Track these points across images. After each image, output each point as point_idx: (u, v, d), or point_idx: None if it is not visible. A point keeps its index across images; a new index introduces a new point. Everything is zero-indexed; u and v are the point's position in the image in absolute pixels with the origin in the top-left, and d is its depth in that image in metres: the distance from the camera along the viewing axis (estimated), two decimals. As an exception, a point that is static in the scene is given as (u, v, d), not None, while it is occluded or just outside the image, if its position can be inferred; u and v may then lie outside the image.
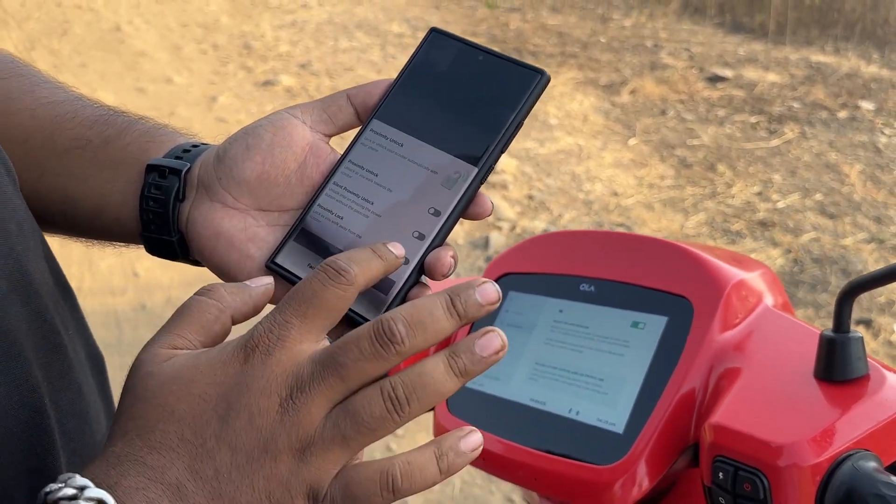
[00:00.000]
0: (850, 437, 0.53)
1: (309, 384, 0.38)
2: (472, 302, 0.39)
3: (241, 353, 0.39)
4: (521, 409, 0.68)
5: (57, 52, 5.22)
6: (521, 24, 5.72)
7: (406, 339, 0.38)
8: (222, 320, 0.42)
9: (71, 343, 0.50)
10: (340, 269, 0.40)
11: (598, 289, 0.70)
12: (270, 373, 0.38)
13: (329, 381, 0.38)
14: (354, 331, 0.39)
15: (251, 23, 5.83)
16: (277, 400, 0.38)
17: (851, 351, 0.57)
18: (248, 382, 0.38)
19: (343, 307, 0.40)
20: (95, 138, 0.55)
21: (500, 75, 0.48)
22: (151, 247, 0.53)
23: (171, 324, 0.42)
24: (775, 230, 3.12)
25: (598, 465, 0.62)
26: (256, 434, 0.37)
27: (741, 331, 0.64)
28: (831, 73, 4.53)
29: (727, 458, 0.55)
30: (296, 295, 0.40)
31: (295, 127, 0.50)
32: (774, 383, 0.59)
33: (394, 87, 0.50)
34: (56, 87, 0.60)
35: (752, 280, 0.67)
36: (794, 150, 3.72)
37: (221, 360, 0.39)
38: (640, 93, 4.40)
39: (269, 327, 0.39)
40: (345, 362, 0.38)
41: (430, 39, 0.51)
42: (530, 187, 3.47)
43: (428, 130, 0.48)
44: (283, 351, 0.38)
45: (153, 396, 0.39)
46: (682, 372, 0.62)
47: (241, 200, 0.49)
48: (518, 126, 0.48)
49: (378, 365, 0.38)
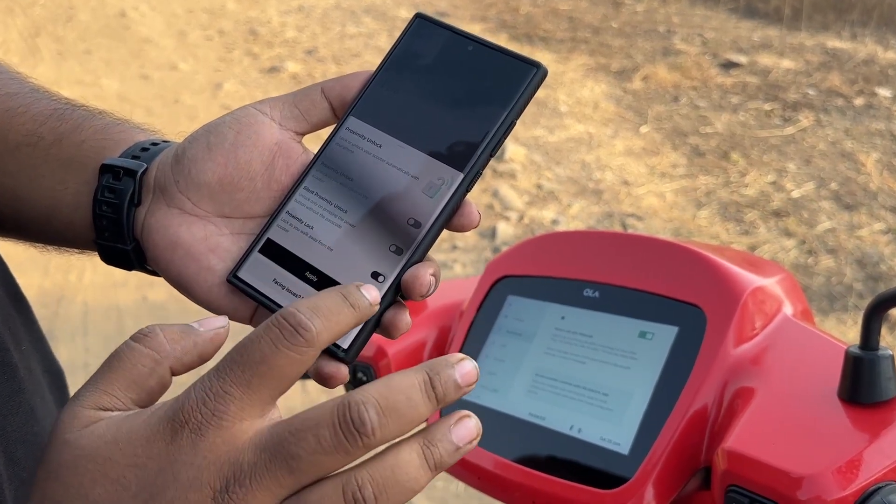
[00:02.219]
0: (880, 467, 0.49)
1: (250, 476, 0.31)
2: (451, 384, 0.33)
3: (168, 430, 0.32)
4: (519, 425, 0.64)
5: (62, 39, 5.20)
6: (531, 9, 5.65)
7: (377, 431, 0.31)
8: (159, 373, 0.36)
9: (24, 360, 0.47)
10: (299, 327, 0.33)
11: (603, 294, 0.66)
12: (202, 459, 0.32)
13: (276, 475, 0.31)
14: (312, 414, 0.32)
15: (257, 8, 5.79)
16: (210, 493, 0.32)
17: (880, 370, 0.52)
18: (175, 470, 0.32)
19: (297, 373, 0.33)
20: (48, 135, 0.51)
21: (491, 68, 0.43)
22: (106, 255, 0.49)
23: (98, 376, 0.35)
24: (789, 220, 3.06)
25: (601, 489, 0.58)
26: None
27: (758, 343, 0.59)
28: (847, 60, 4.45)
29: (742, 489, 0.51)
30: (240, 357, 0.33)
31: (262, 124, 0.45)
32: (794, 404, 0.54)
33: (373, 80, 0.45)
34: (10, 78, 0.56)
35: (770, 287, 0.63)
36: (809, 139, 3.65)
37: (145, 435, 0.33)
38: (653, 79, 4.33)
39: (203, 398, 0.32)
40: (298, 454, 0.31)
41: (414, 27, 0.46)
42: (539, 176, 3.42)
43: (410, 130, 0.44)
44: (219, 431, 0.32)
45: (66, 474, 0.33)
46: (694, 388, 0.58)
47: (200, 206, 0.45)
48: (511, 126, 0.43)
49: (339, 459, 0.32)
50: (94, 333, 2.40)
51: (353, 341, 0.40)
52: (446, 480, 2.01)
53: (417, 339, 0.75)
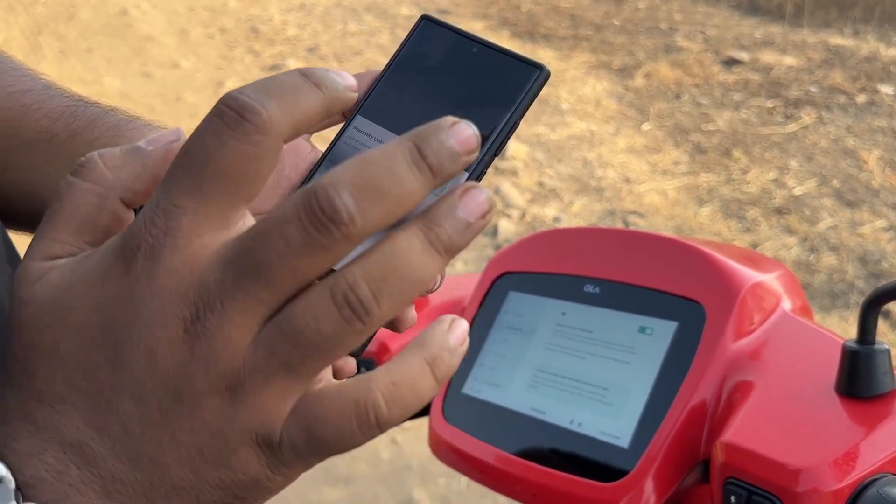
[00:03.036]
0: (876, 459, 0.49)
1: (220, 297, 0.26)
2: (445, 151, 0.28)
3: (121, 261, 0.27)
4: (519, 419, 0.65)
5: (63, 37, 5.20)
6: (532, 7, 5.65)
7: (355, 216, 0.26)
8: (109, 208, 0.30)
9: None
10: (244, 110, 0.27)
11: (603, 290, 0.66)
12: (161, 288, 0.27)
13: (248, 290, 0.26)
14: (278, 211, 0.26)
15: (259, 6, 5.79)
16: (181, 325, 0.27)
17: (877, 364, 0.53)
18: (136, 305, 0.27)
19: (257, 170, 0.27)
20: (62, 131, 0.51)
21: (495, 70, 0.44)
22: None
23: (44, 225, 0.31)
24: (791, 218, 3.06)
25: (600, 482, 0.58)
26: (163, 377, 0.27)
27: (757, 338, 0.60)
28: (850, 57, 4.44)
29: (740, 481, 0.51)
30: (183, 162, 0.27)
31: None
32: (792, 398, 0.55)
33: (380, 80, 0.46)
34: (24, 75, 0.56)
35: (769, 282, 0.63)
36: (811, 136, 3.65)
37: (99, 274, 0.28)
38: (654, 77, 4.33)
39: (151, 217, 0.27)
40: (267, 259, 0.26)
41: (420, 28, 0.47)
42: (541, 174, 3.43)
43: None
44: (175, 252, 0.27)
45: (28, 333, 0.29)
46: (693, 382, 0.59)
47: None
48: (514, 126, 0.43)
49: (317, 260, 0.26)
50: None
51: None
52: (448, 477, 2.02)
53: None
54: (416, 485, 2.01)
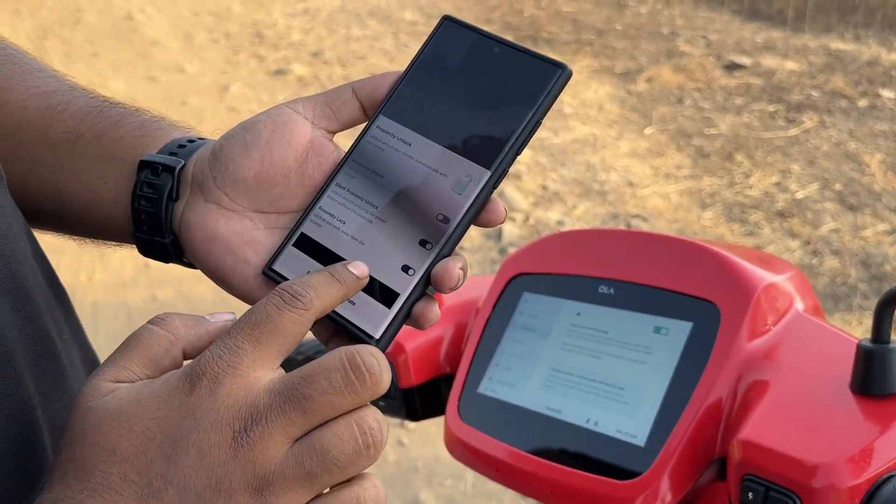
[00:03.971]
0: (892, 456, 0.50)
1: (266, 417, 0.35)
2: None
3: (187, 383, 0.35)
4: (536, 418, 0.65)
5: (69, 41, 5.22)
6: (535, 11, 5.66)
7: (383, 373, 0.36)
8: (173, 354, 0.38)
9: (65, 349, 0.48)
10: (296, 294, 0.38)
11: (618, 291, 0.67)
12: (221, 404, 0.35)
13: (290, 415, 0.35)
14: (323, 361, 0.36)
15: (263, 11, 5.81)
16: (230, 434, 0.34)
17: (892, 363, 0.54)
18: (196, 416, 0.35)
19: (299, 333, 0.37)
20: (87, 131, 0.52)
21: (517, 69, 0.45)
22: (144, 248, 0.50)
23: (117, 355, 0.38)
24: (794, 221, 3.07)
25: (618, 479, 0.59)
26: (207, 472, 0.34)
27: (771, 338, 0.61)
28: (851, 61, 4.45)
29: (757, 478, 0.52)
30: (248, 319, 0.37)
31: (296, 122, 0.46)
32: (808, 396, 0.56)
33: (402, 80, 0.47)
34: (49, 76, 0.57)
35: (782, 283, 0.64)
36: (813, 140, 3.66)
37: (165, 392, 0.36)
38: (657, 81, 4.34)
39: (219, 353, 0.36)
40: (311, 395, 0.35)
41: (442, 29, 0.48)
42: (544, 178, 3.44)
43: (438, 129, 0.45)
44: (235, 379, 0.35)
45: (92, 435, 0.35)
46: (709, 381, 0.59)
47: (237, 201, 0.46)
48: (536, 125, 0.44)
49: (349, 400, 0.35)
50: (103, 332, 2.41)
51: (384, 330, 0.42)
52: (454, 479, 2.03)
53: (434, 335, 0.76)
54: (423, 486, 2.01)
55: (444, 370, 0.77)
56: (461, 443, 0.68)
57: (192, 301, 2.61)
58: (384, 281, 0.43)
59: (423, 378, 0.76)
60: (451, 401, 0.71)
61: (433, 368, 0.76)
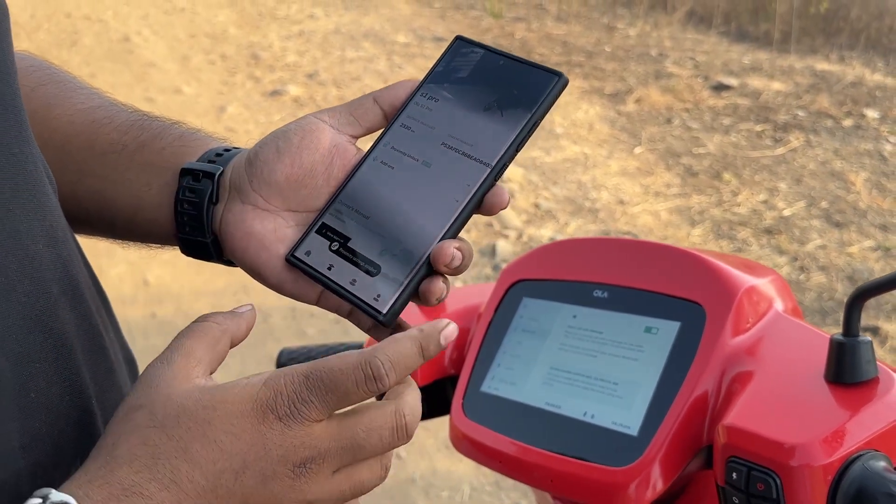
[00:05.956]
0: (861, 437, 0.55)
1: (324, 457, 0.42)
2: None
3: (259, 412, 0.41)
4: (536, 413, 0.69)
5: (67, 63, 5.25)
6: (526, 34, 5.75)
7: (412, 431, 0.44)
8: (223, 341, 0.46)
9: (111, 345, 0.52)
10: (378, 379, 0.42)
11: (611, 295, 0.71)
12: (288, 443, 0.41)
13: (342, 457, 0.42)
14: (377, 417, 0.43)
15: (259, 33, 5.86)
16: (291, 467, 0.41)
17: (861, 354, 0.58)
18: (267, 446, 0.41)
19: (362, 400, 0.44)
20: (131, 143, 0.57)
21: (519, 78, 0.51)
22: (186, 247, 0.55)
23: (181, 342, 0.44)
24: (781, 238, 3.12)
25: (613, 466, 0.63)
26: (267, 495, 0.41)
27: (752, 335, 0.65)
28: (836, 82, 4.54)
29: (740, 459, 0.56)
30: (329, 382, 0.42)
31: (322, 130, 0.52)
32: (786, 386, 0.60)
33: (418, 89, 0.53)
34: (91, 93, 0.62)
35: (762, 286, 0.69)
36: (800, 159, 3.73)
37: (239, 410, 0.41)
38: (646, 101, 4.41)
39: (292, 399, 0.41)
40: (364, 447, 0.43)
41: (454, 46, 0.54)
42: (536, 196, 3.49)
43: (448, 132, 0.51)
44: (301, 426, 0.41)
45: (168, 426, 0.41)
46: (695, 375, 0.63)
47: (271, 202, 0.51)
48: (535, 125, 0.50)
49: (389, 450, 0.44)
50: (104, 350, 2.43)
51: (390, 306, 0.47)
52: (452, 490, 2.05)
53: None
54: (420, 498, 2.04)
55: (448, 372, 0.81)
56: (466, 438, 0.72)
57: (190, 318, 2.62)
58: (391, 262, 0.48)
59: (428, 379, 0.79)
60: (455, 399, 0.74)
61: (438, 370, 0.80)
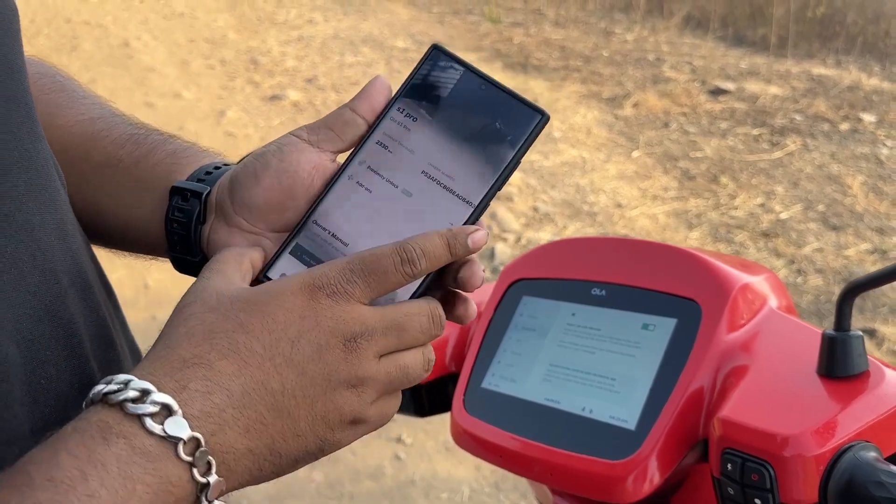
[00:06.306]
0: (852, 429, 0.56)
1: (371, 333, 0.44)
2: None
3: (309, 291, 0.44)
4: (536, 409, 0.70)
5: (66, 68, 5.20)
6: (524, 39, 5.77)
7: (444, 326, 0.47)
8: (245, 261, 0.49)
9: (118, 338, 0.53)
10: (412, 261, 0.45)
11: (609, 293, 0.72)
12: (338, 316, 0.43)
13: (391, 339, 0.45)
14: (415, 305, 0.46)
15: (258, 38, 5.88)
16: (342, 339, 0.43)
17: (852, 348, 0.59)
18: (318, 318, 0.43)
19: (399, 286, 0.46)
20: (126, 158, 0.57)
21: (500, 109, 0.47)
22: (178, 265, 0.55)
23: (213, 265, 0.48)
24: (778, 241, 3.14)
25: (611, 460, 0.64)
26: (322, 364, 0.43)
27: (747, 331, 0.67)
28: (833, 86, 4.56)
29: (735, 451, 0.58)
30: (370, 264, 0.45)
31: (301, 150, 0.50)
32: (779, 380, 0.61)
33: (392, 105, 0.50)
34: (93, 103, 0.62)
35: (757, 283, 0.70)
36: (797, 162, 3.75)
37: (290, 291, 0.43)
38: (643, 106, 4.43)
39: (339, 278, 0.44)
40: (406, 328, 0.45)
41: (431, 56, 0.50)
42: (535, 199, 3.50)
43: (425, 160, 0.48)
44: (347, 302, 0.44)
45: (223, 310, 0.43)
46: (692, 371, 0.65)
47: (255, 225, 0.50)
48: (516, 165, 0.47)
49: (425, 339, 0.46)
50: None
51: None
52: (451, 492, 2.06)
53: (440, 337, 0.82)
54: (420, 499, 2.05)
55: (449, 369, 0.82)
56: (467, 433, 0.73)
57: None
58: None
59: (430, 377, 0.81)
60: (457, 396, 0.75)
61: (439, 368, 0.81)
